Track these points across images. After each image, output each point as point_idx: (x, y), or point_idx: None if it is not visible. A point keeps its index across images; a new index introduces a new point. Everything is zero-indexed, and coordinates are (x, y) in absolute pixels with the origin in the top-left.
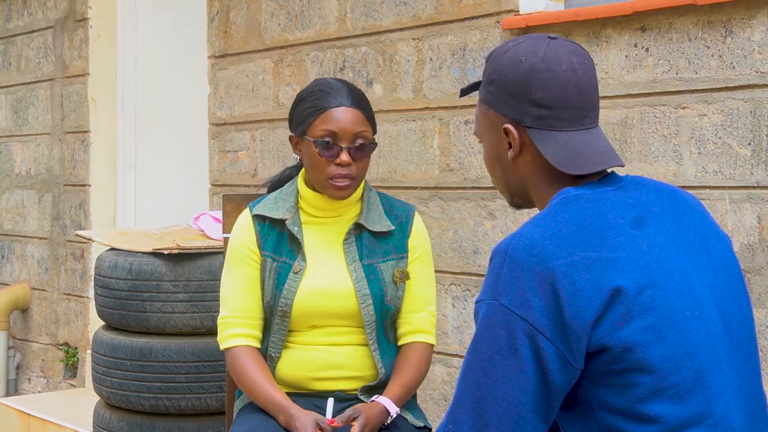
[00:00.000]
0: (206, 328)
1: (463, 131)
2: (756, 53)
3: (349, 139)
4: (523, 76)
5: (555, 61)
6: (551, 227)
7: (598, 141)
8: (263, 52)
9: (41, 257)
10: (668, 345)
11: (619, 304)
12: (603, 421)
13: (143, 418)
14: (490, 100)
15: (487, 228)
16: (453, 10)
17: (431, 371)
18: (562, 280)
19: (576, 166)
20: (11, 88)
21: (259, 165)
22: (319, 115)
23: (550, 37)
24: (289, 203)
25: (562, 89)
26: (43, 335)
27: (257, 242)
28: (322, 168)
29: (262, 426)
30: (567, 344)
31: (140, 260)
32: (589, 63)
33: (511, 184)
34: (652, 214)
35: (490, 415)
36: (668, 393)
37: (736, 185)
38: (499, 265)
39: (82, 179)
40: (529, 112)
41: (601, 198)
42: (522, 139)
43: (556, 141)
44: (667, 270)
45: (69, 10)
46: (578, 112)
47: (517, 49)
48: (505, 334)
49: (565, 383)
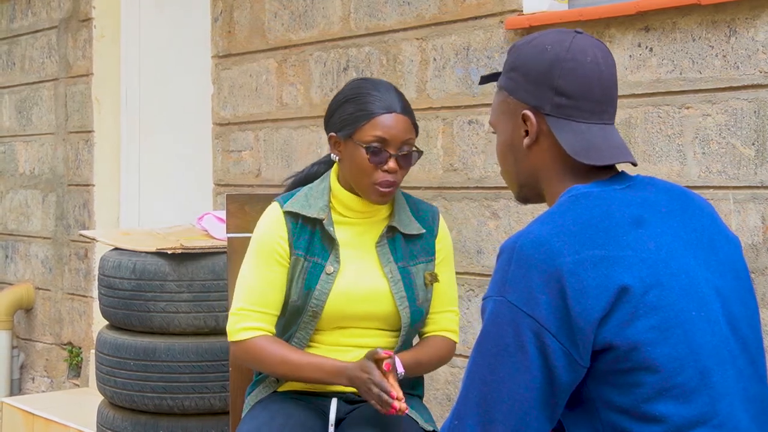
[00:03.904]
0: (210, 328)
1: (467, 131)
2: (760, 53)
3: (397, 146)
4: (547, 64)
5: (580, 52)
6: (559, 225)
7: (613, 137)
8: (267, 52)
9: (45, 257)
10: (674, 345)
11: (626, 302)
12: (607, 420)
13: (147, 417)
14: (511, 86)
15: (490, 228)
16: (456, 10)
17: (434, 371)
18: (570, 277)
19: (591, 157)
20: (15, 88)
21: (262, 165)
22: (369, 119)
23: (576, 31)
24: (323, 202)
25: (586, 80)
26: (47, 335)
27: (289, 240)
28: (369, 173)
29: (267, 424)
30: (573, 342)
31: (144, 260)
32: (611, 61)
33: (521, 174)
34: (661, 214)
35: (495, 412)
36: (673, 393)
37: (740, 185)
38: (506, 261)
39: (86, 179)
40: (550, 99)
41: (609, 196)
42: (540, 126)
43: (574, 131)
44: (674, 270)
45: (73, 10)
46: (598, 106)
47: (543, 38)
48: (512, 331)
49: (570, 381)
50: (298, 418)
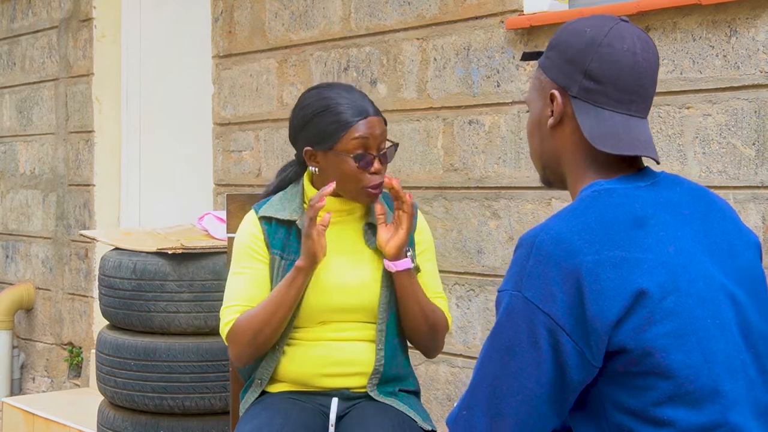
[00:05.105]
0: (210, 328)
1: (467, 131)
2: (761, 53)
3: (377, 146)
4: (582, 46)
5: (618, 38)
6: (581, 222)
7: (639, 130)
8: (267, 52)
9: (45, 257)
10: (688, 352)
11: (643, 307)
12: (614, 420)
13: (147, 417)
14: (547, 64)
15: (491, 228)
16: (457, 10)
17: (435, 371)
18: (588, 276)
19: (607, 144)
20: (16, 88)
21: (263, 165)
22: (348, 128)
23: (622, 18)
24: (295, 204)
25: (617, 67)
26: (48, 335)
27: (265, 240)
28: (358, 179)
29: (267, 425)
30: (587, 341)
31: (144, 260)
32: (652, 54)
33: (545, 155)
34: (682, 216)
35: (505, 405)
36: (684, 399)
37: (741, 185)
38: (525, 256)
39: (87, 179)
40: (578, 81)
41: (633, 194)
42: (564, 108)
43: (597, 117)
44: (692, 275)
45: (73, 10)
46: (627, 95)
47: (585, 21)
48: (526, 326)
49: (581, 379)
50: (297, 418)
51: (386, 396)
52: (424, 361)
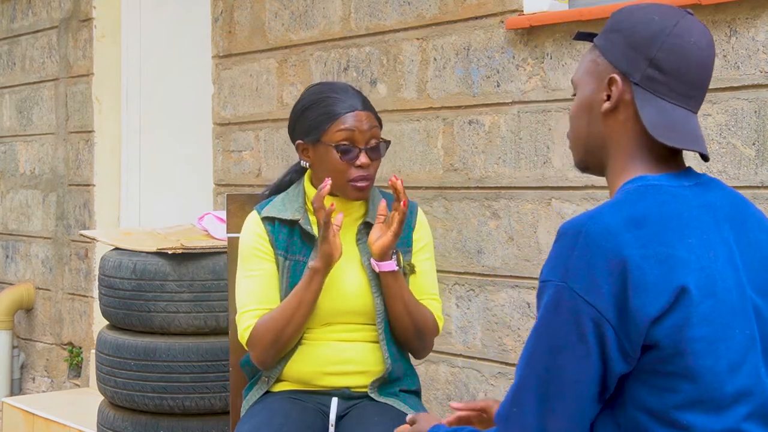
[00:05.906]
0: (210, 328)
1: (467, 131)
2: (760, 53)
3: (365, 140)
4: (650, 34)
5: (686, 31)
6: (629, 215)
7: (695, 125)
8: (267, 52)
9: (45, 257)
10: (717, 359)
11: (683, 306)
12: (632, 417)
13: (147, 417)
14: (607, 47)
15: (491, 228)
16: (457, 10)
17: (435, 371)
18: (634, 270)
19: (670, 137)
20: (16, 88)
21: (263, 165)
22: (335, 120)
23: (688, 11)
24: (297, 204)
25: (684, 60)
26: (48, 335)
27: (269, 240)
28: (343, 171)
29: (266, 424)
30: (627, 334)
31: (144, 260)
32: (713, 52)
33: (591, 139)
34: (722, 221)
35: (555, 401)
36: (706, 406)
37: (741, 185)
38: (569, 246)
39: (87, 179)
40: (642, 69)
41: (679, 193)
42: (623, 95)
43: (658, 107)
44: (727, 284)
45: (73, 10)
46: (689, 90)
47: (653, 9)
48: (573, 319)
49: (620, 372)
50: (297, 417)
51: (386, 396)
52: (424, 360)
